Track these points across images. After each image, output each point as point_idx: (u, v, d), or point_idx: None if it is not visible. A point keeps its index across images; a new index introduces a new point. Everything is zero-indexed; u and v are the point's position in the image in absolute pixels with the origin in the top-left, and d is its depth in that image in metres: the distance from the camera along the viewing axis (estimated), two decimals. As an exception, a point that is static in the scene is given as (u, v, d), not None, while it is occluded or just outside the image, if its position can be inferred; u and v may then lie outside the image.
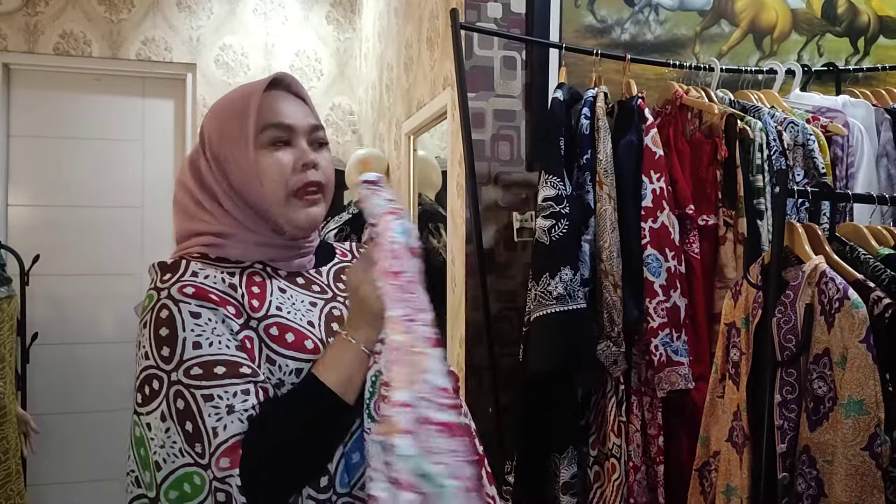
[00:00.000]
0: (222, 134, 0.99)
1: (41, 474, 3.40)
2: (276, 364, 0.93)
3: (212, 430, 0.85)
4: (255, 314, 0.94)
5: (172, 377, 0.87)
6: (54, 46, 3.48)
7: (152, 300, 0.91)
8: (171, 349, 0.88)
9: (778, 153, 1.78)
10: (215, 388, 0.86)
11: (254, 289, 0.97)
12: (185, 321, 0.89)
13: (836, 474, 1.20)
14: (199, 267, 0.95)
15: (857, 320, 1.21)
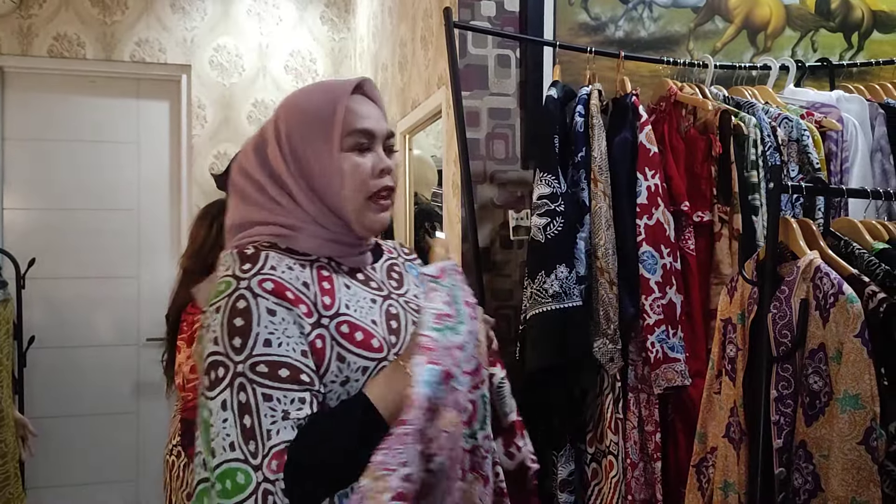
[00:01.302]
0: (305, 133, 1.02)
1: (39, 478, 3.40)
2: (346, 361, 0.97)
3: (266, 433, 0.88)
4: (327, 312, 0.98)
5: (238, 368, 0.90)
6: (48, 49, 3.47)
7: (230, 287, 0.94)
8: (242, 341, 0.91)
9: (772, 149, 1.79)
10: (276, 390, 0.90)
11: (324, 284, 1.00)
12: (261, 317, 0.92)
13: (832, 469, 1.21)
14: (276, 260, 0.98)
15: (851, 315, 1.21)
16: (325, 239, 1.03)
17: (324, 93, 1.05)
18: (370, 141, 1.04)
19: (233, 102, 3.69)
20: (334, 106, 1.01)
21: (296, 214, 1.02)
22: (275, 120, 1.06)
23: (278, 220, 1.02)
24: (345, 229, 1.05)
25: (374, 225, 1.05)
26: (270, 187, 1.03)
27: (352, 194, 1.02)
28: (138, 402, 3.60)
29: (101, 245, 3.58)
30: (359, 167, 1.02)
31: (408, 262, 1.22)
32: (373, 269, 1.11)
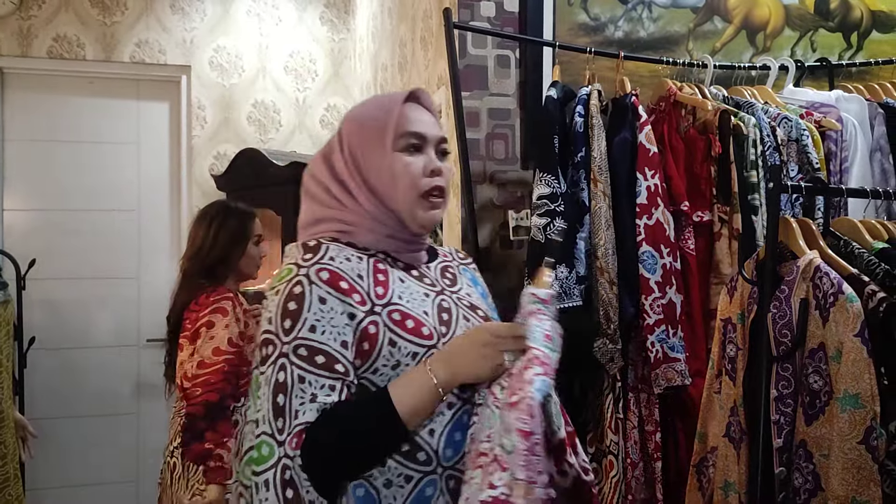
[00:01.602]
0: (362, 137, 1.12)
1: (39, 479, 3.39)
2: (397, 346, 1.04)
3: (293, 412, 0.97)
4: (380, 301, 1.06)
5: (284, 349, 1.00)
6: (48, 50, 3.48)
7: (290, 273, 1.04)
8: (292, 323, 1.00)
9: (772, 149, 1.79)
10: (309, 373, 0.99)
11: (379, 276, 1.09)
12: (312, 303, 1.01)
13: (832, 468, 1.21)
14: (336, 251, 1.07)
15: (851, 314, 1.21)
16: (382, 234, 1.12)
17: (380, 101, 1.18)
18: (421, 143, 1.12)
19: (233, 103, 3.69)
20: (387, 111, 1.11)
21: (356, 212, 1.12)
22: (339, 129, 1.17)
23: (341, 217, 1.12)
24: (400, 226, 1.13)
25: (425, 221, 1.12)
26: (334, 188, 1.13)
27: (404, 192, 1.10)
28: (138, 403, 3.60)
29: (101, 246, 3.58)
30: (410, 166, 1.10)
31: (462, 265, 1.28)
32: (427, 268, 1.19)
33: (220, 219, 2.10)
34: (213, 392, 1.87)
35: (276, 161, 3.08)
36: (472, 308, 1.18)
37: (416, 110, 1.14)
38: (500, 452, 0.91)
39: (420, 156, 1.12)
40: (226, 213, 2.13)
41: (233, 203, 2.22)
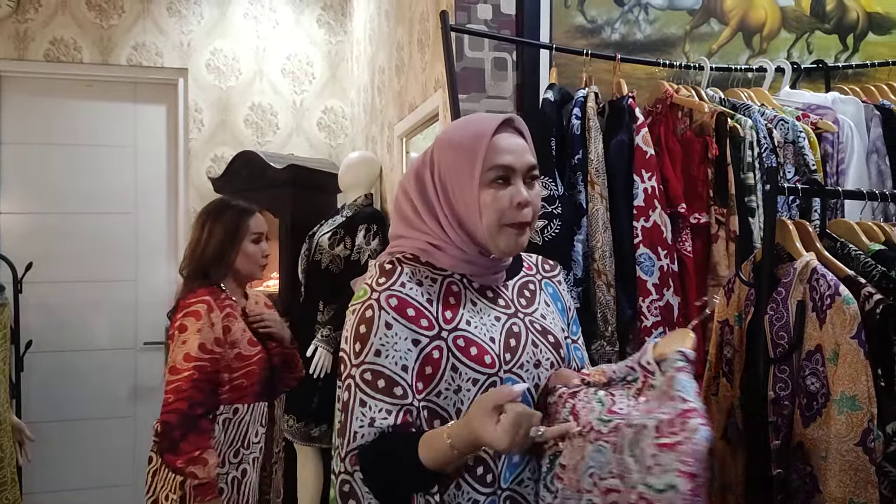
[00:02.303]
0: (452, 166, 1.13)
1: (36, 482, 3.39)
2: (458, 372, 1.09)
3: (353, 434, 1.06)
4: (447, 326, 1.10)
5: (352, 371, 1.08)
6: (45, 53, 3.47)
7: (365, 294, 1.11)
8: (361, 346, 1.08)
9: (768, 150, 1.79)
10: (370, 398, 1.06)
11: (450, 299, 1.13)
12: (379, 328, 1.07)
13: (829, 470, 1.21)
14: (409, 275, 1.12)
15: (848, 316, 1.21)
16: (462, 259, 1.14)
17: (472, 128, 1.14)
18: (509, 174, 1.11)
19: (230, 106, 3.69)
20: (479, 141, 1.10)
21: (439, 235, 1.14)
22: (432, 150, 1.17)
23: (424, 238, 1.15)
24: (480, 252, 1.14)
25: (507, 249, 1.13)
26: (422, 209, 1.16)
27: (489, 225, 1.11)
28: (136, 406, 3.59)
29: (98, 249, 3.57)
30: (497, 201, 1.10)
31: (546, 278, 1.27)
32: (504, 287, 1.20)
33: (215, 216, 2.04)
34: (182, 400, 1.80)
35: (274, 163, 3.08)
36: (544, 332, 1.18)
37: (507, 138, 1.13)
38: (647, 491, 0.93)
39: (508, 188, 1.11)
40: (221, 209, 2.06)
41: (233, 200, 2.13)
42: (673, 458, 0.92)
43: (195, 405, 1.83)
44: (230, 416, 1.92)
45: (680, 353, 1.05)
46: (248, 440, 1.94)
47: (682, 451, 0.92)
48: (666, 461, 0.92)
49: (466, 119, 1.20)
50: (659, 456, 0.93)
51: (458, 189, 1.12)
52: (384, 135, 3.14)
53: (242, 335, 1.95)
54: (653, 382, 1.08)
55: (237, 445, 1.93)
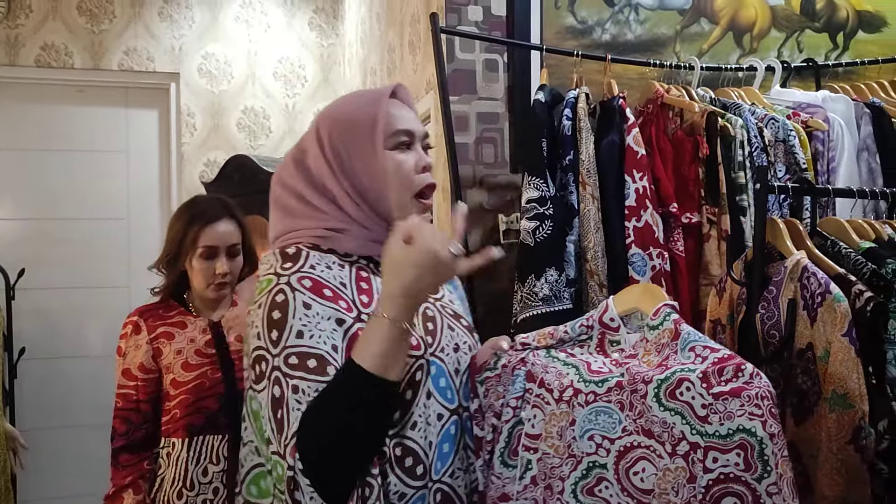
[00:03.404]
0: (349, 138, 1.06)
1: (30, 490, 3.37)
2: None
3: (290, 423, 0.92)
4: (365, 309, 1.02)
5: (275, 362, 0.94)
6: (36, 58, 3.46)
7: (270, 283, 0.99)
8: (279, 333, 0.95)
9: (759, 150, 1.79)
10: (302, 380, 0.93)
11: (362, 284, 1.05)
12: (297, 309, 0.96)
13: (821, 468, 1.21)
14: (317, 259, 1.02)
15: (839, 314, 1.21)
16: (367, 240, 1.07)
17: (363, 98, 1.10)
18: (411, 139, 1.08)
19: (222, 110, 3.69)
20: (375, 109, 1.06)
21: (339, 218, 1.06)
22: (315, 130, 1.09)
23: (321, 225, 1.06)
24: (385, 230, 1.05)
25: None
26: (311, 195, 1.07)
27: (397, 192, 1.06)
28: (131, 411, 3.58)
29: (91, 255, 3.56)
30: (403, 164, 1.06)
31: None
32: None
33: (175, 216, 1.80)
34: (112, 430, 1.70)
35: (267, 167, 3.07)
36: (456, 316, 1.15)
37: (399, 107, 1.10)
38: (707, 440, 0.95)
39: (410, 153, 1.08)
40: (181, 210, 1.80)
41: (205, 200, 1.87)
42: (738, 403, 0.94)
43: (115, 437, 1.71)
44: (170, 451, 1.72)
45: (668, 305, 1.08)
46: (192, 480, 1.67)
47: (748, 395, 0.94)
48: (731, 407, 0.94)
49: (350, 94, 1.15)
50: (715, 405, 0.95)
51: (360, 158, 1.05)
52: (377, 137, 3.13)
53: (176, 358, 1.71)
54: (614, 338, 1.12)
55: (178, 485, 1.69)
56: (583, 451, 1.02)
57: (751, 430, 0.93)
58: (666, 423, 0.97)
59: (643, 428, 0.99)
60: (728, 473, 0.93)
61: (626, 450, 0.99)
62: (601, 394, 1.03)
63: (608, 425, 1.01)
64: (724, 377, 0.96)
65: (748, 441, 0.93)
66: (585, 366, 1.08)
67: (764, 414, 0.93)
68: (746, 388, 0.95)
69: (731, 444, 0.93)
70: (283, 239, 1.07)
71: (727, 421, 0.94)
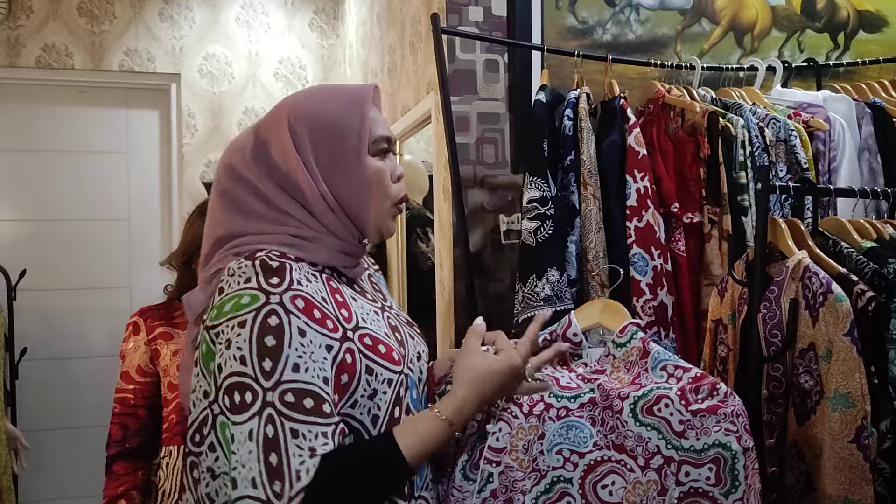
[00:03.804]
0: (335, 142, 0.99)
1: (32, 491, 3.37)
2: (374, 374, 0.95)
3: (295, 473, 0.83)
4: (348, 325, 0.95)
5: (269, 397, 0.85)
6: (36, 59, 3.46)
7: (257, 301, 0.88)
8: (273, 363, 0.86)
9: (760, 149, 1.79)
10: (302, 423, 0.85)
11: (337, 297, 0.98)
12: (293, 337, 0.87)
13: (824, 467, 1.21)
14: (299, 272, 0.93)
15: (841, 314, 1.22)
16: (337, 250, 1.01)
17: (342, 99, 1.02)
18: (389, 146, 1.05)
19: (223, 111, 3.69)
20: (360, 113, 1.00)
21: (308, 224, 0.99)
22: (287, 125, 1.00)
23: (286, 231, 0.97)
24: (355, 239, 1.03)
25: (389, 231, 1.06)
26: (280, 198, 0.98)
27: (378, 201, 1.02)
28: (132, 412, 3.58)
29: (92, 256, 3.56)
30: (383, 173, 1.02)
31: (376, 271, 1.21)
32: (363, 281, 1.10)
33: (194, 216, 1.73)
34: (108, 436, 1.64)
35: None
36: (410, 324, 1.11)
37: (374, 110, 1.04)
38: (681, 454, 1.00)
39: (387, 161, 1.04)
40: (197, 212, 1.73)
41: None
42: (714, 420, 0.99)
43: (110, 443, 1.66)
44: (168, 460, 1.68)
45: (633, 324, 1.12)
46: None
47: (724, 412, 0.99)
48: (707, 424, 0.99)
49: (326, 90, 1.06)
50: (692, 421, 1.00)
51: (344, 166, 0.98)
52: (377, 138, 3.13)
53: (173, 359, 1.66)
54: (576, 352, 1.15)
55: (174, 497, 1.65)
56: (549, 466, 1.04)
57: (726, 445, 0.98)
58: (641, 437, 1.02)
59: (614, 443, 1.03)
60: (697, 488, 0.98)
61: (596, 464, 1.03)
62: (573, 409, 1.06)
63: (579, 440, 1.04)
64: (700, 395, 1.01)
65: (722, 455, 0.98)
66: (555, 381, 1.11)
67: (739, 430, 0.99)
68: (722, 405, 1.00)
69: (705, 458, 0.98)
70: (238, 243, 0.97)
71: (704, 436, 0.99)
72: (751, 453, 0.99)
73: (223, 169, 1.02)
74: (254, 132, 1.04)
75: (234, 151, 1.02)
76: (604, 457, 1.03)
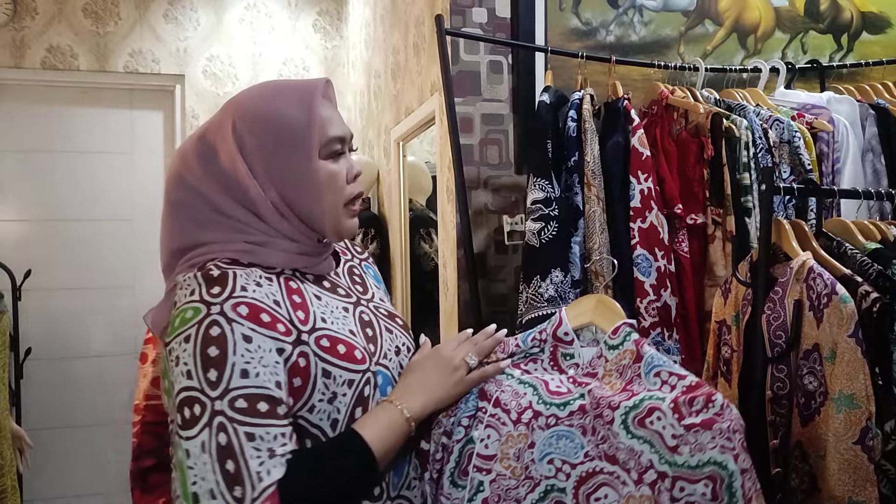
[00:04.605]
0: (278, 144, 0.95)
1: (37, 490, 3.38)
2: (332, 376, 0.93)
3: (256, 475, 0.82)
4: (304, 327, 0.93)
5: (217, 406, 0.84)
6: (41, 61, 3.48)
7: (198, 313, 0.87)
8: (218, 373, 0.85)
9: (764, 151, 1.79)
10: (258, 426, 0.84)
11: (294, 298, 0.95)
12: (237, 344, 0.86)
13: (828, 469, 1.21)
14: (245, 279, 0.92)
15: (845, 315, 1.22)
16: (294, 252, 0.99)
17: (289, 97, 0.98)
18: (342, 146, 1.01)
19: (227, 111, 3.69)
20: (307, 113, 0.96)
21: (259, 229, 0.97)
22: (231, 126, 0.97)
23: (240, 238, 0.96)
24: (313, 240, 1.01)
25: (348, 231, 1.03)
26: (227, 203, 0.96)
27: (330, 203, 0.99)
28: (136, 412, 3.59)
29: (96, 256, 3.58)
30: (336, 175, 0.99)
31: (363, 261, 1.19)
32: (336, 275, 1.08)
33: None
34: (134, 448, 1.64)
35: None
36: (391, 316, 1.09)
37: (327, 107, 1.00)
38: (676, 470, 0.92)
39: (342, 160, 1.00)
40: None
41: None
42: (709, 436, 0.91)
43: (142, 454, 1.63)
44: None
45: (627, 324, 1.04)
46: None
47: (720, 428, 0.91)
48: (702, 440, 0.91)
49: (271, 87, 1.01)
50: (686, 436, 0.92)
51: (290, 169, 0.95)
52: (381, 139, 3.14)
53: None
54: (567, 352, 1.08)
55: None
56: (541, 475, 0.99)
57: (722, 464, 0.90)
58: (633, 450, 0.94)
59: (606, 454, 0.97)
60: (694, 502, 0.91)
61: (588, 475, 0.97)
62: (563, 417, 1.00)
63: (569, 450, 0.99)
64: (694, 408, 0.93)
65: (718, 473, 0.90)
66: (543, 385, 1.05)
67: (736, 447, 0.90)
68: (718, 419, 0.92)
69: (700, 474, 0.90)
70: (193, 256, 0.97)
71: (698, 453, 0.91)
72: (749, 474, 0.90)
73: (172, 179, 1.00)
74: (199, 138, 1.00)
75: (181, 159, 1.00)
76: (596, 468, 0.97)
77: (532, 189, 1.75)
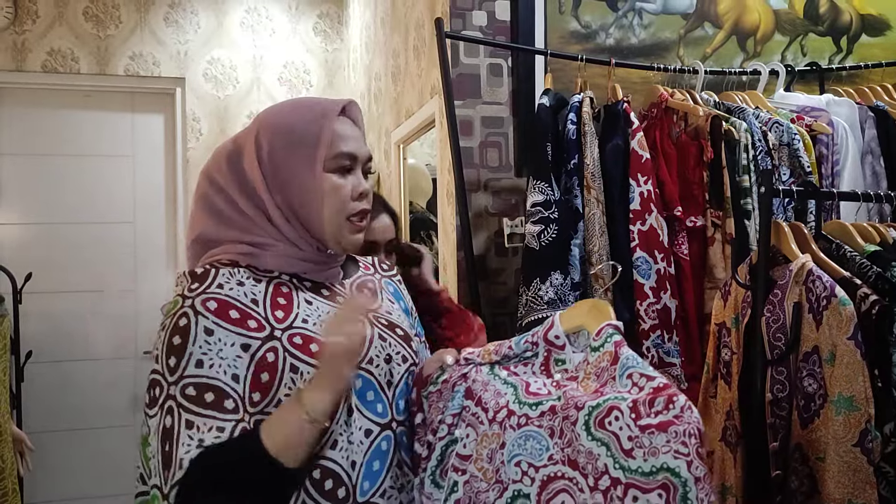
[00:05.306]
0: (289, 151, 1.02)
1: (37, 493, 3.38)
2: (299, 372, 0.95)
3: (178, 462, 0.87)
4: (279, 325, 0.97)
5: (171, 391, 0.91)
6: (42, 64, 3.48)
7: (176, 306, 0.95)
8: (177, 360, 0.91)
9: (763, 153, 1.80)
10: (198, 416, 0.89)
11: (279, 300, 1.00)
12: (198, 336, 0.92)
13: (828, 471, 1.21)
14: (226, 277, 0.99)
15: (844, 317, 1.22)
16: (294, 258, 1.04)
17: (310, 111, 1.04)
18: (352, 163, 1.04)
19: (227, 115, 3.70)
20: (321, 126, 1.02)
21: (268, 231, 1.03)
22: (255, 133, 1.04)
23: (248, 239, 1.02)
24: (316, 248, 1.05)
25: (350, 245, 1.06)
26: (243, 202, 1.03)
27: (331, 215, 1.02)
28: (136, 415, 3.58)
29: (97, 259, 3.58)
30: (340, 189, 1.03)
31: (386, 277, 1.21)
32: (342, 285, 1.11)
33: None
34: None
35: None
36: (391, 326, 1.09)
37: (345, 124, 1.05)
38: (629, 476, 0.85)
39: (349, 177, 1.04)
40: None
41: None
42: (664, 439, 0.85)
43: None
44: None
45: (611, 326, 0.99)
46: None
47: (675, 431, 0.84)
48: (656, 443, 0.85)
49: (298, 101, 1.09)
50: (641, 438, 0.86)
51: (297, 176, 1.01)
52: (381, 142, 3.14)
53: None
54: (560, 357, 1.03)
55: None
56: (509, 478, 0.95)
57: (675, 471, 0.83)
58: (591, 453, 0.89)
59: (569, 458, 0.92)
60: None
61: (550, 480, 0.92)
62: (533, 417, 0.96)
63: (535, 452, 0.95)
64: (654, 408, 0.87)
65: (671, 482, 0.83)
66: (524, 386, 1.02)
67: (690, 454, 0.83)
68: (675, 422, 0.85)
69: (653, 482, 0.84)
70: (212, 254, 1.04)
71: (651, 457, 0.85)
72: (703, 483, 0.83)
73: (203, 174, 1.08)
74: (233, 141, 1.08)
75: (214, 158, 1.08)
76: (557, 473, 0.92)
77: (532, 192, 1.76)
